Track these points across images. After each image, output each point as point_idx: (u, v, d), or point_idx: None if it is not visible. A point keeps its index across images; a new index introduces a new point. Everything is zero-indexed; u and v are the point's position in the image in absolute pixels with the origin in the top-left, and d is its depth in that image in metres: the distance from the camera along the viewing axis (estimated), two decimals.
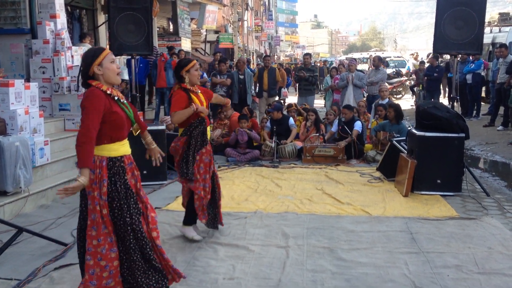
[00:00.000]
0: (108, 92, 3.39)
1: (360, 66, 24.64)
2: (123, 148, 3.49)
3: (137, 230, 3.42)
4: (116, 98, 3.44)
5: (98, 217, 3.37)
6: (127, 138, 3.56)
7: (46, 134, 7.32)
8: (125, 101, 3.55)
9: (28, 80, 8.23)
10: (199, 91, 5.10)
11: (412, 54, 28.30)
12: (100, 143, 3.37)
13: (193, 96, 4.95)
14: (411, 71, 23.91)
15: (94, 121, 3.24)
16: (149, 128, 7.66)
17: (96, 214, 3.38)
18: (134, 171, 3.57)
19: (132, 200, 3.45)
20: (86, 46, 10.46)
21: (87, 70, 3.39)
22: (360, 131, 9.53)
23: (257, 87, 13.17)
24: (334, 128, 9.96)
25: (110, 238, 3.39)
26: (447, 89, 17.60)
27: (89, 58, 3.41)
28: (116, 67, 3.48)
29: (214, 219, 5.33)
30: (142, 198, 3.55)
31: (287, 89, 22.60)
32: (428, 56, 17.36)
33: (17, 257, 4.76)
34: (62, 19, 9.02)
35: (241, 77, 12.52)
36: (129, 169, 3.52)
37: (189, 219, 5.20)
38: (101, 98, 3.32)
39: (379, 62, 13.19)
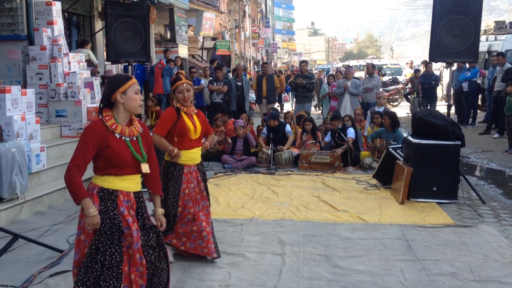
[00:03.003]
0: (111, 128, 3.28)
1: (357, 74, 24.72)
2: (120, 183, 3.33)
3: (111, 270, 3.25)
4: (118, 135, 3.30)
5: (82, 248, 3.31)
6: (133, 175, 3.38)
7: (42, 141, 7.31)
8: (138, 138, 3.40)
9: (24, 86, 8.22)
10: (194, 113, 4.81)
11: (408, 63, 28.41)
12: (95, 173, 3.35)
13: (184, 117, 4.70)
14: (404, 80, 23.99)
15: (81, 156, 3.19)
16: None
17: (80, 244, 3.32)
18: (129, 211, 3.33)
19: (115, 237, 3.26)
20: (85, 52, 10.50)
21: (110, 96, 3.32)
22: (354, 137, 9.55)
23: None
24: (327, 138, 9.99)
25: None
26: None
27: (114, 85, 3.33)
28: (139, 99, 3.41)
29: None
30: (133, 235, 3.29)
31: (288, 94, 22.72)
32: (423, 63, 17.37)
33: (12, 264, 4.74)
34: (59, 26, 9.03)
35: (239, 83, 12.58)
36: (126, 206, 3.32)
37: None
38: (97, 132, 3.24)
39: (372, 69, 13.24)
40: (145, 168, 3.41)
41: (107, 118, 3.32)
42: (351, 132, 9.56)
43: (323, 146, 9.86)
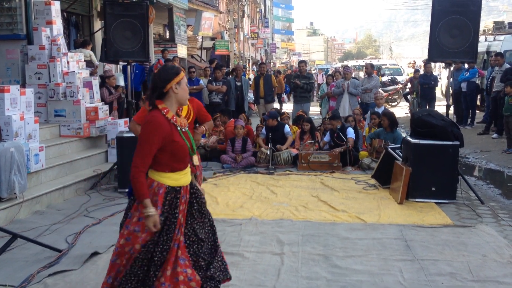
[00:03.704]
0: (172, 120, 3.29)
1: (356, 74, 24.70)
2: (184, 178, 3.36)
3: (157, 267, 3.29)
4: (178, 127, 3.33)
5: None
6: (188, 167, 3.42)
7: (41, 140, 7.30)
8: (186, 130, 3.42)
9: (23, 86, 8.22)
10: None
11: (410, 63, 28.44)
12: (161, 170, 3.30)
13: None
14: (404, 80, 24.03)
15: (147, 154, 3.19)
16: None
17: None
18: (183, 206, 3.39)
19: (169, 236, 3.30)
20: (87, 53, 10.51)
21: (164, 86, 3.26)
22: (354, 137, 9.55)
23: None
24: (326, 138, 10.00)
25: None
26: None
27: (170, 75, 3.28)
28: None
29: None
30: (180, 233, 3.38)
31: (287, 95, 22.73)
32: (424, 63, 17.39)
33: (11, 263, 4.74)
34: (58, 25, 9.03)
35: (238, 83, 12.59)
36: (183, 201, 3.36)
37: None
38: (163, 128, 3.22)
39: (371, 69, 13.28)
40: (195, 160, 3.45)
41: (165, 110, 3.29)
42: (350, 133, 9.56)
43: (322, 146, 9.86)
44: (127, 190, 3.49)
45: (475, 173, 9.55)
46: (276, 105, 15.71)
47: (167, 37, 20.05)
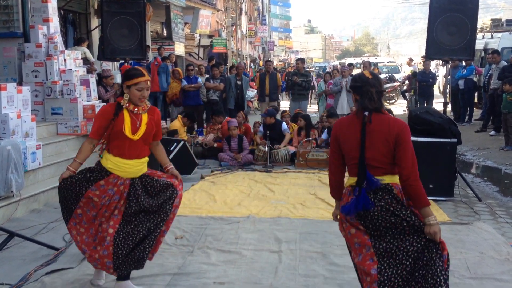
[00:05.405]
0: None
1: (354, 71, 24.56)
2: None
3: None
4: None
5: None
6: None
7: (38, 138, 7.28)
8: None
9: (20, 84, 8.20)
10: (145, 111, 3.98)
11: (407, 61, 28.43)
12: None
13: (125, 114, 3.92)
14: (401, 78, 24.03)
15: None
16: None
17: None
18: None
19: None
20: (81, 50, 10.49)
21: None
22: None
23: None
24: (324, 135, 10.00)
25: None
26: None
27: None
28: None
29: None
30: None
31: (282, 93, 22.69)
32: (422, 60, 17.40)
33: (8, 262, 4.73)
34: (55, 23, 9.00)
35: (239, 82, 12.54)
36: None
37: None
38: None
39: (369, 67, 13.28)
40: None
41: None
42: None
43: (320, 144, 9.85)
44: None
45: (472, 171, 9.56)
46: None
47: (165, 35, 20.02)
